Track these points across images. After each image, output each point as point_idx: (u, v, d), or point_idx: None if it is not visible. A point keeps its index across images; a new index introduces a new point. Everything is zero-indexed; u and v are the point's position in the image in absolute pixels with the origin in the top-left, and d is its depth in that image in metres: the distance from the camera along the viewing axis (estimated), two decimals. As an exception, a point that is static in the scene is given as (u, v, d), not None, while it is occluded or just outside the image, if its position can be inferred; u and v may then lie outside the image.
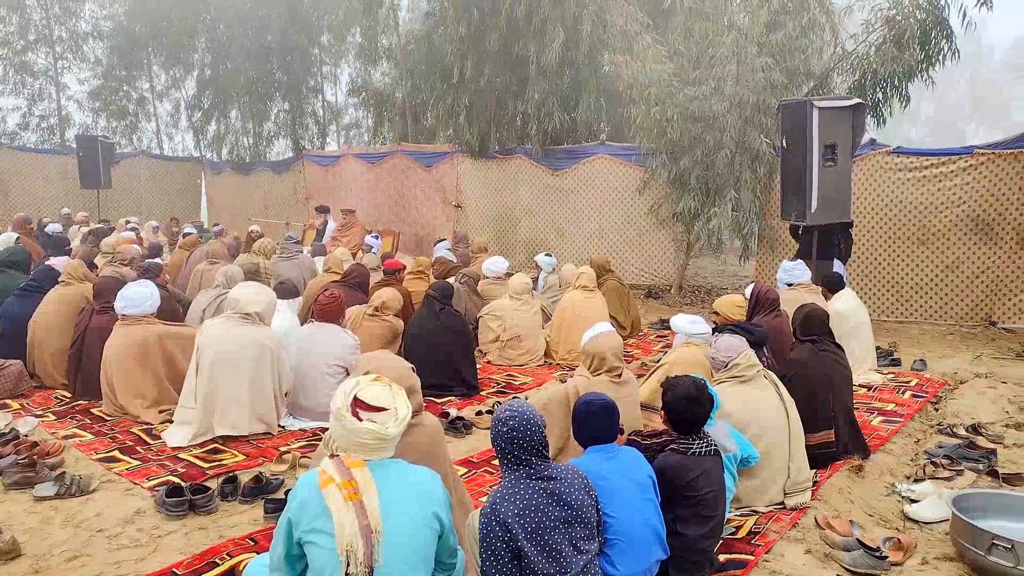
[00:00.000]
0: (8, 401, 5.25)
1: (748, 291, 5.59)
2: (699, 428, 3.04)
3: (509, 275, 7.54)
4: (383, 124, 16.49)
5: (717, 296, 7.63)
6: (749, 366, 3.74)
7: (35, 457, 4.03)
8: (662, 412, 3.12)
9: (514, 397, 5.51)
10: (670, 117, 8.93)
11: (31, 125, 20.13)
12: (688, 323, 4.86)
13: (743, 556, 3.18)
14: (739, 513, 3.56)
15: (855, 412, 4.57)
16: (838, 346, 4.50)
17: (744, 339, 3.91)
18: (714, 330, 5.19)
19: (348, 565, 2.06)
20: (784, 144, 7.06)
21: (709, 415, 3.08)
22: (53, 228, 11.23)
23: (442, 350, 5.68)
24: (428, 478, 2.32)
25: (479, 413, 5.15)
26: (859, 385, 5.75)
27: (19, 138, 19.51)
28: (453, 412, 5.08)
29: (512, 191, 12.40)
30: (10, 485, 3.77)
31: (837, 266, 8.12)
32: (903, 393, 5.83)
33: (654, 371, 4.74)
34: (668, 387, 3.07)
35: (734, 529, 3.42)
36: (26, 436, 4.49)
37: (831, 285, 6.38)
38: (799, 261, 6.77)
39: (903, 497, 3.98)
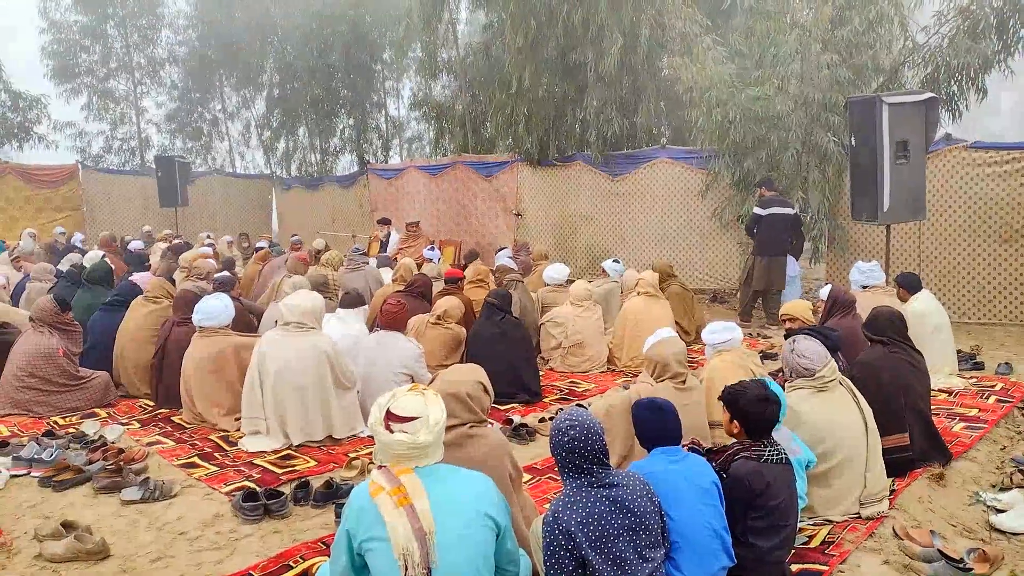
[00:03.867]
0: (96, 410, 5.54)
1: (823, 292, 5.46)
2: (771, 430, 2.97)
3: (570, 282, 7.53)
4: (444, 136, 16.76)
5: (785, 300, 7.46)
6: (831, 379, 3.62)
7: (122, 463, 4.24)
8: (733, 423, 3.04)
9: (577, 404, 5.49)
10: (732, 118, 8.79)
11: (114, 148, 21.26)
12: (709, 333, 4.70)
13: (817, 566, 3.09)
14: (812, 522, 3.46)
15: (934, 418, 4.38)
16: (914, 348, 4.33)
17: (823, 345, 3.77)
18: (787, 335, 5.05)
19: (407, 569, 2.11)
20: (853, 142, 6.86)
21: (780, 413, 3.00)
22: (135, 245, 11.81)
23: (504, 357, 5.70)
24: (479, 480, 2.35)
25: (542, 420, 5.16)
26: (939, 390, 5.51)
27: (103, 161, 20.62)
28: (516, 419, 5.10)
29: (572, 198, 12.39)
30: (99, 489, 3.98)
31: (791, 263, 8.46)
32: (987, 398, 5.55)
33: None
34: (735, 395, 2.99)
35: (807, 539, 3.32)
36: (113, 443, 4.72)
37: (908, 286, 6.14)
38: (875, 262, 6.57)
39: (988, 506, 3.79)
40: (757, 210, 8.32)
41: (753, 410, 2.94)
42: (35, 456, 4.28)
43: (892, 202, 6.59)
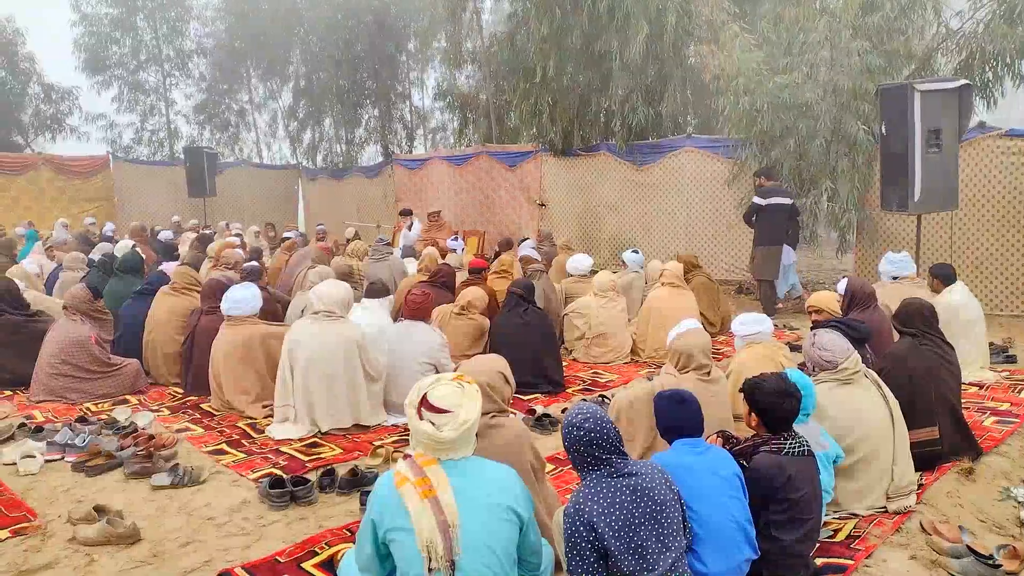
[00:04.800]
0: (127, 397, 5.65)
1: (841, 286, 5.37)
2: (791, 424, 2.94)
3: (594, 272, 7.51)
4: (468, 126, 16.77)
5: (813, 291, 7.37)
6: (855, 371, 3.58)
7: (152, 449, 4.32)
8: (752, 416, 3.02)
9: (600, 395, 5.49)
10: (760, 107, 8.67)
11: (143, 139, 21.56)
12: (739, 324, 4.62)
13: (842, 560, 3.05)
14: (837, 516, 3.43)
15: (965, 412, 4.31)
16: (945, 340, 4.26)
17: (844, 338, 3.72)
18: (813, 327, 5.00)
19: (430, 560, 2.13)
20: (883, 131, 6.75)
21: (799, 407, 2.97)
22: (165, 235, 11.98)
23: (527, 348, 5.71)
24: (504, 474, 2.34)
25: (565, 410, 5.14)
26: (970, 383, 5.42)
27: (133, 152, 20.93)
28: (539, 409, 5.10)
29: (596, 188, 12.33)
30: (130, 475, 4.06)
31: (788, 252, 8.62)
32: (1019, 392, 5.45)
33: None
34: (753, 387, 2.96)
35: (832, 532, 3.29)
36: (143, 429, 4.82)
37: (943, 277, 6.02)
38: (905, 253, 6.46)
39: (1019, 502, 3.72)
40: (757, 200, 8.48)
41: (769, 403, 2.91)
42: (68, 441, 4.38)
43: (923, 192, 6.48)
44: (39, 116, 19.81)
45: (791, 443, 2.88)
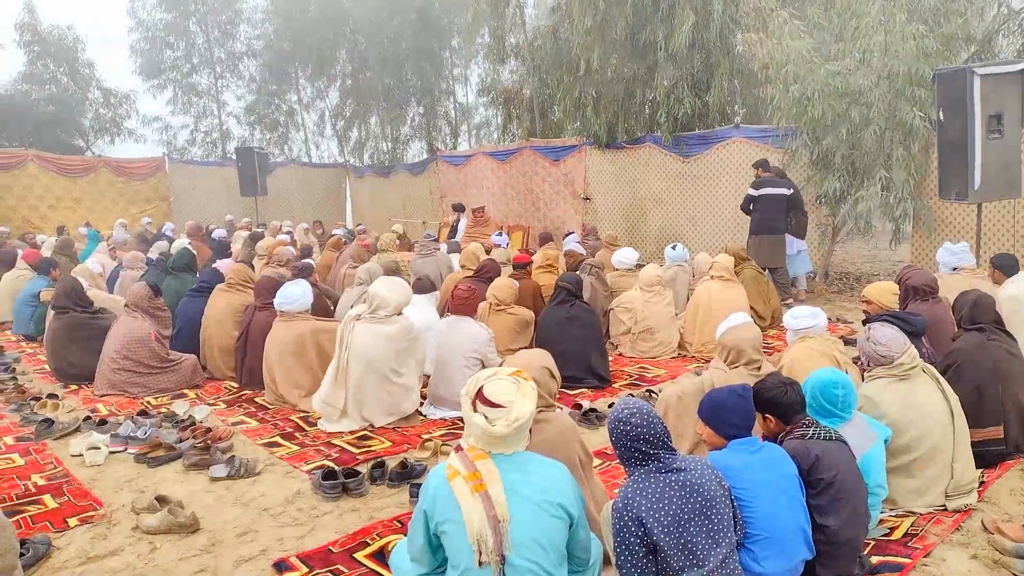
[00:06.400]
0: (185, 391, 5.83)
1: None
2: (802, 412, 2.93)
3: (640, 267, 7.44)
4: (512, 121, 16.78)
5: (867, 283, 7.19)
6: (912, 366, 3.48)
7: (209, 442, 4.46)
8: (768, 420, 2.98)
9: (647, 390, 5.45)
10: (811, 94, 8.46)
11: (197, 140, 22.22)
12: (792, 318, 4.48)
13: (898, 559, 2.98)
14: (894, 514, 3.35)
15: (1030, 407, 4.15)
16: (1010, 335, 4.11)
17: (900, 331, 3.61)
18: (865, 320, 4.86)
19: (480, 554, 2.15)
20: (941, 117, 6.53)
21: (802, 394, 2.97)
22: (219, 234, 12.30)
23: (573, 343, 5.70)
24: (556, 470, 2.34)
25: (611, 405, 5.13)
26: (1035, 378, 5.21)
27: (188, 153, 21.56)
28: (586, 404, 5.10)
29: (642, 181, 12.22)
30: (189, 466, 4.20)
31: (794, 242, 8.54)
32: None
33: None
34: (757, 393, 2.95)
35: (888, 530, 3.21)
36: (201, 423, 4.97)
37: (1005, 267, 5.79)
38: (964, 243, 6.24)
39: (1089, 502, 3.57)
40: (751, 191, 8.60)
41: (773, 397, 2.93)
42: (131, 434, 4.55)
43: (984, 179, 6.27)
44: (99, 120, 20.55)
45: (814, 429, 2.87)
